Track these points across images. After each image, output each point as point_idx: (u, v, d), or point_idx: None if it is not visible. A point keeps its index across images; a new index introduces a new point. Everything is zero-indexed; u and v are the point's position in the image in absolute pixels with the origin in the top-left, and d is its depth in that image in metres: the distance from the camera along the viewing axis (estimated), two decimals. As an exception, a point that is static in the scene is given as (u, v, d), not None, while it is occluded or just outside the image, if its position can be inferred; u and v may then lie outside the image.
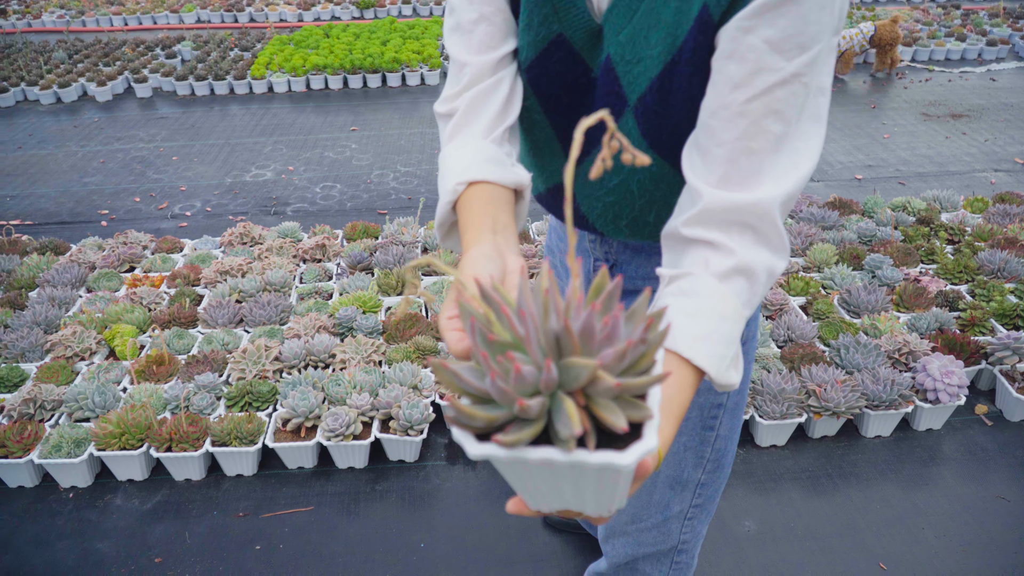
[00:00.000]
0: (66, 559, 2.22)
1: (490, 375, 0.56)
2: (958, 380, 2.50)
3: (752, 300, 0.90)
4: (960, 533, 2.26)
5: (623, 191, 1.07)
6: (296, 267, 3.40)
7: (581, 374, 0.58)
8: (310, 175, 4.94)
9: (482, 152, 0.98)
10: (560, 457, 0.59)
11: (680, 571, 1.57)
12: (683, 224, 0.91)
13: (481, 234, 0.89)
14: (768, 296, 2.98)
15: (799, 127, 0.88)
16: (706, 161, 0.90)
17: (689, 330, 0.84)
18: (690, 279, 0.88)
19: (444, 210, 0.98)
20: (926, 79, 6.73)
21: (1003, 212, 3.69)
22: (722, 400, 1.30)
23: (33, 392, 2.52)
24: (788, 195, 0.88)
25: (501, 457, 0.60)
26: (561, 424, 0.58)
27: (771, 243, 0.90)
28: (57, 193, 4.72)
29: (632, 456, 0.59)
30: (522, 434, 0.59)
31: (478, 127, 1.01)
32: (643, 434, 0.61)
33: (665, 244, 0.97)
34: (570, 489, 0.65)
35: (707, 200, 0.88)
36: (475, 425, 0.61)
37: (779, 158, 0.88)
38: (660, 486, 1.40)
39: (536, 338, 0.59)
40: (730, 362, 0.87)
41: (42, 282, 3.29)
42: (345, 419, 2.40)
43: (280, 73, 6.62)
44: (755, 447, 2.57)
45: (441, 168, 1.00)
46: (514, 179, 0.97)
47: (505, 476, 0.67)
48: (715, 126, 0.88)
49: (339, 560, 2.21)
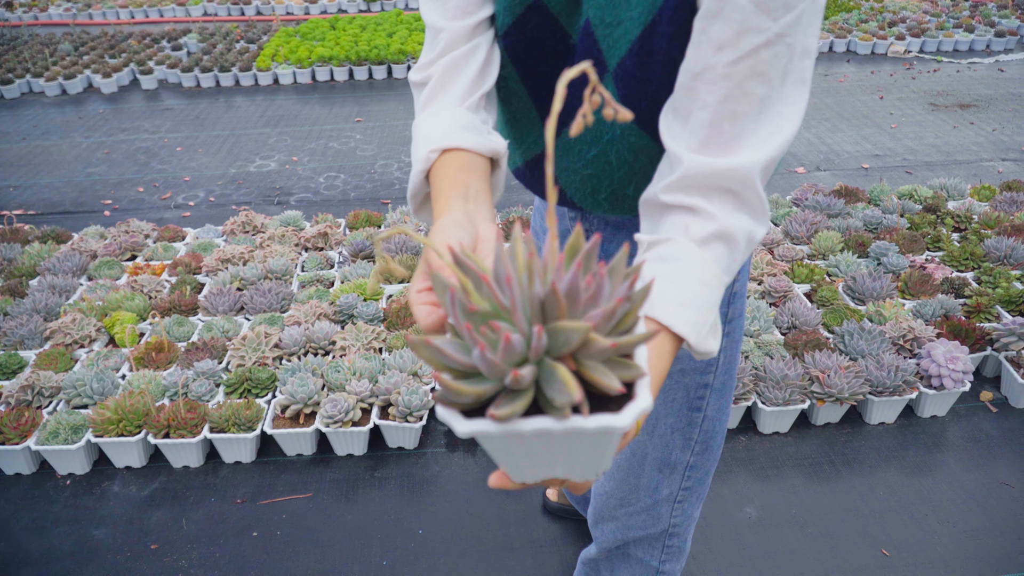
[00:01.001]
0: (62, 545, 2.21)
1: (478, 347, 0.54)
2: (963, 366, 2.47)
3: (732, 266, 0.88)
4: (964, 520, 2.23)
5: (602, 163, 1.05)
6: (298, 255, 3.38)
7: (572, 338, 0.56)
8: (314, 165, 4.93)
9: (457, 119, 0.95)
10: (556, 426, 0.57)
11: (672, 555, 1.55)
12: (662, 190, 0.88)
13: (452, 201, 0.87)
14: (772, 283, 2.95)
15: (783, 90, 0.85)
16: (687, 125, 0.87)
17: (668, 296, 0.82)
18: (669, 244, 0.86)
19: (417, 180, 0.95)
20: (934, 69, 6.67)
21: (1010, 200, 3.65)
22: (709, 380, 1.28)
23: (31, 379, 2.51)
24: (770, 159, 0.86)
25: (493, 432, 0.58)
26: (556, 392, 0.56)
27: (752, 208, 0.87)
28: (60, 183, 4.72)
29: (629, 417, 0.58)
30: (515, 406, 0.57)
31: (453, 94, 0.99)
32: (636, 393, 0.60)
33: (643, 211, 0.95)
34: (562, 457, 0.63)
35: (687, 166, 0.86)
36: (462, 402, 0.59)
37: (762, 121, 0.85)
38: (648, 469, 1.38)
39: (522, 305, 0.57)
40: (709, 329, 0.85)
41: (43, 270, 3.29)
42: (344, 405, 2.39)
43: (286, 65, 6.61)
44: (757, 434, 2.55)
45: (414, 136, 0.97)
46: (490, 147, 0.95)
47: (489, 451, 0.65)
48: (698, 88, 0.85)
49: (337, 547, 2.20)
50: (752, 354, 2.58)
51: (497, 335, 0.55)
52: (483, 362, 0.55)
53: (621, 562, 1.62)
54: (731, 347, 1.28)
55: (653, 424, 1.32)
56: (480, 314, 0.58)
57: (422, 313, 0.74)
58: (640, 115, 0.97)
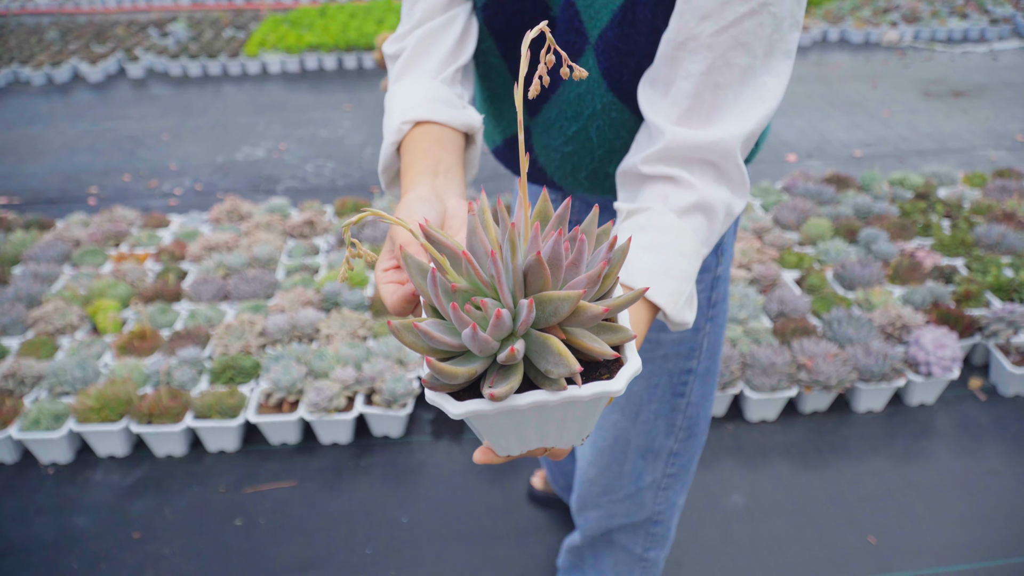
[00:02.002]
0: (44, 534, 2.19)
1: (470, 327, 0.53)
2: (951, 353, 2.46)
3: (710, 238, 0.86)
4: (952, 507, 2.22)
5: (582, 139, 1.02)
6: (284, 243, 3.35)
7: (562, 308, 0.55)
8: (302, 153, 4.89)
9: (430, 91, 0.92)
10: (552, 398, 0.57)
11: (656, 542, 1.54)
12: (642, 161, 0.86)
13: (420, 176, 0.84)
14: (761, 270, 2.93)
15: (768, 61, 0.84)
16: (668, 95, 0.85)
17: (646, 265, 0.81)
18: (648, 214, 0.84)
19: (387, 152, 0.92)
20: (927, 58, 6.66)
21: (1002, 187, 3.64)
22: (692, 366, 1.25)
23: (13, 367, 2.48)
24: (751, 132, 0.84)
25: (489, 411, 0.57)
26: (551, 365, 0.55)
27: (732, 181, 0.86)
28: (45, 172, 4.67)
29: (622, 381, 0.58)
30: (511, 383, 0.56)
31: (428, 66, 0.96)
32: (626, 357, 0.60)
33: (621, 181, 0.93)
34: (553, 427, 0.63)
35: (668, 138, 0.84)
36: (455, 384, 0.58)
37: (744, 92, 0.84)
38: (631, 456, 1.36)
39: (507, 279, 0.56)
40: (685, 300, 0.84)
41: (26, 258, 3.25)
42: (328, 392, 2.36)
43: (274, 52, 6.56)
44: (744, 422, 2.54)
45: (387, 109, 0.94)
46: (464, 120, 0.92)
47: (478, 428, 0.63)
48: (680, 58, 0.83)
49: (321, 535, 2.18)
50: (740, 341, 2.57)
51: (486, 312, 0.54)
52: (474, 341, 0.54)
53: (605, 549, 1.60)
54: (714, 332, 1.26)
55: (636, 410, 1.30)
56: (462, 292, 0.58)
57: (388, 292, 0.72)
58: (622, 88, 0.95)
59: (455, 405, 0.57)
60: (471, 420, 0.60)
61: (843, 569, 2.05)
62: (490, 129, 1.17)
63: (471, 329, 0.53)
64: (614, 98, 0.96)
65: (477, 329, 0.53)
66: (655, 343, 1.22)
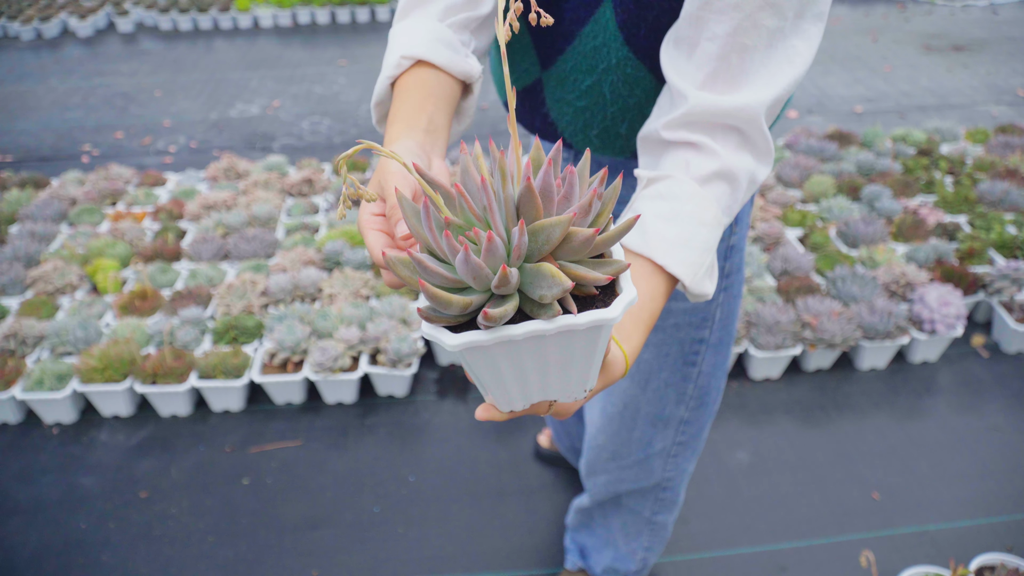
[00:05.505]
0: (50, 493, 2.19)
1: (463, 248, 0.52)
2: (955, 311, 2.46)
3: (732, 207, 0.84)
4: (953, 463, 2.24)
5: (595, 94, 1.00)
6: (282, 201, 3.32)
7: (554, 233, 0.55)
8: (297, 110, 4.83)
9: (434, 31, 0.90)
10: (548, 326, 0.57)
11: (664, 506, 1.55)
12: (664, 127, 0.84)
13: (411, 130, 0.83)
14: (764, 228, 2.92)
15: (798, 24, 0.81)
16: (692, 57, 0.83)
17: (665, 235, 0.79)
18: (669, 182, 0.83)
19: (382, 86, 0.90)
20: (928, 11, 6.58)
21: (1004, 143, 3.61)
22: (704, 336, 1.24)
23: (14, 327, 2.47)
24: (777, 97, 0.82)
25: (485, 341, 0.57)
26: (544, 289, 0.55)
27: (756, 148, 0.84)
28: (37, 128, 4.60)
29: (618, 308, 0.58)
30: (507, 307, 0.55)
31: (435, 8, 0.93)
32: (621, 287, 0.60)
33: (642, 146, 0.90)
34: (554, 369, 0.63)
35: (692, 103, 0.81)
36: (449, 314, 0.58)
37: (772, 56, 0.81)
38: (641, 423, 1.36)
39: (499, 208, 0.56)
40: (705, 271, 0.82)
41: (22, 217, 3.22)
42: (333, 352, 2.36)
43: (266, 5, 6.44)
44: (748, 380, 2.54)
45: (389, 44, 0.92)
46: (463, 68, 0.90)
47: (478, 375, 0.63)
48: (707, 18, 0.80)
49: (328, 493, 2.19)
50: (744, 300, 2.56)
51: (479, 241, 0.54)
52: (467, 266, 0.54)
53: (614, 511, 1.61)
54: (728, 302, 1.24)
55: (646, 378, 1.30)
56: (456, 226, 0.58)
57: (374, 239, 0.71)
58: (638, 43, 0.93)
59: (451, 337, 0.57)
60: (469, 360, 0.60)
61: (847, 525, 2.07)
62: (501, 78, 1.14)
63: (464, 251, 0.52)
64: (629, 52, 0.94)
65: (469, 251, 0.52)
66: (666, 311, 1.20)
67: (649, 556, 1.68)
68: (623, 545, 1.66)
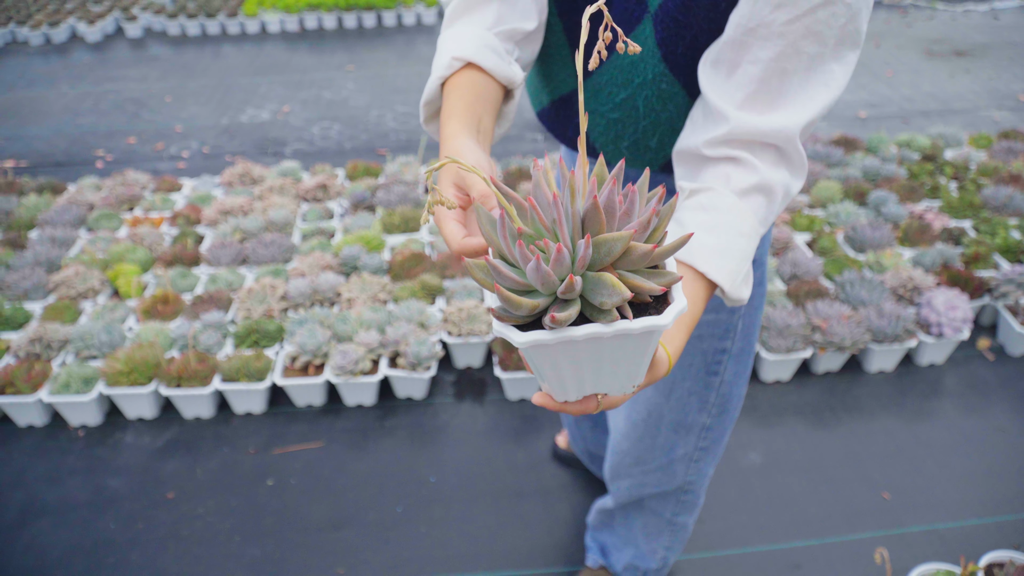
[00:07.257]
0: (78, 495, 2.24)
1: (535, 258, 0.58)
2: (962, 314, 2.52)
3: (768, 218, 0.90)
4: (961, 463, 2.29)
5: (629, 107, 1.05)
6: (297, 207, 3.37)
7: (615, 247, 0.61)
8: (307, 115, 4.88)
9: (482, 38, 0.95)
10: (606, 330, 0.62)
11: (685, 508, 1.60)
12: (705, 145, 0.90)
13: (466, 129, 0.88)
14: (773, 233, 2.97)
15: (838, 50, 0.86)
16: (732, 77, 0.88)
17: (706, 244, 0.85)
18: (710, 194, 0.88)
19: (433, 86, 0.96)
20: (929, 16, 6.64)
21: (1007, 148, 3.67)
22: (727, 346, 1.29)
23: (39, 331, 2.51)
24: (813, 119, 0.87)
25: (548, 340, 0.63)
26: (605, 296, 0.61)
27: (792, 163, 0.90)
28: (50, 134, 4.65)
29: (670, 316, 0.64)
30: (571, 311, 0.61)
31: (483, 17, 0.99)
32: (673, 297, 0.66)
33: (679, 159, 0.96)
34: (607, 366, 0.69)
35: (733, 124, 0.87)
36: (518, 315, 0.63)
37: (810, 79, 0.86)
38: (664, 430, 1.40)
39: (567, 222, 0.62)
40: (743, 278, 0.88)
41: (41, 222, 3.27)
42: (353, 356, 2.41)
43: (273, 11, 6.49)
44: (760, 383, 2.59)
45: (438, 49, 0.98)
46: (507, 74, 0.95)
47: (538, 368, 0.69)
48: (750, 43, 0.86)
49: (351, 494, 2.24)
50: (755, 303, 2.61)
51: (548, 251, 0.60)
52: (537, 273, 0.59)
53: (636, 512, 1.66)
54: (750, 314, 1.28)
55: (670, 387, 1.34)
56: (527, 236, 0.64)
57: (451, 229, 0.76)
58: (675, 60, 0.97)
59: (519, 335, 0.63)
60: (532, 355, 0.66)
61: (858, 524, 2.12)
62: (538, 90, 1.18)
63: (535, 260, 0.58)
64: (666, 69, 0.99)
65: (540, 260, 0.58)
66: None
67: (669, 555, 1.73)
68: (644, 544, 1.70)
